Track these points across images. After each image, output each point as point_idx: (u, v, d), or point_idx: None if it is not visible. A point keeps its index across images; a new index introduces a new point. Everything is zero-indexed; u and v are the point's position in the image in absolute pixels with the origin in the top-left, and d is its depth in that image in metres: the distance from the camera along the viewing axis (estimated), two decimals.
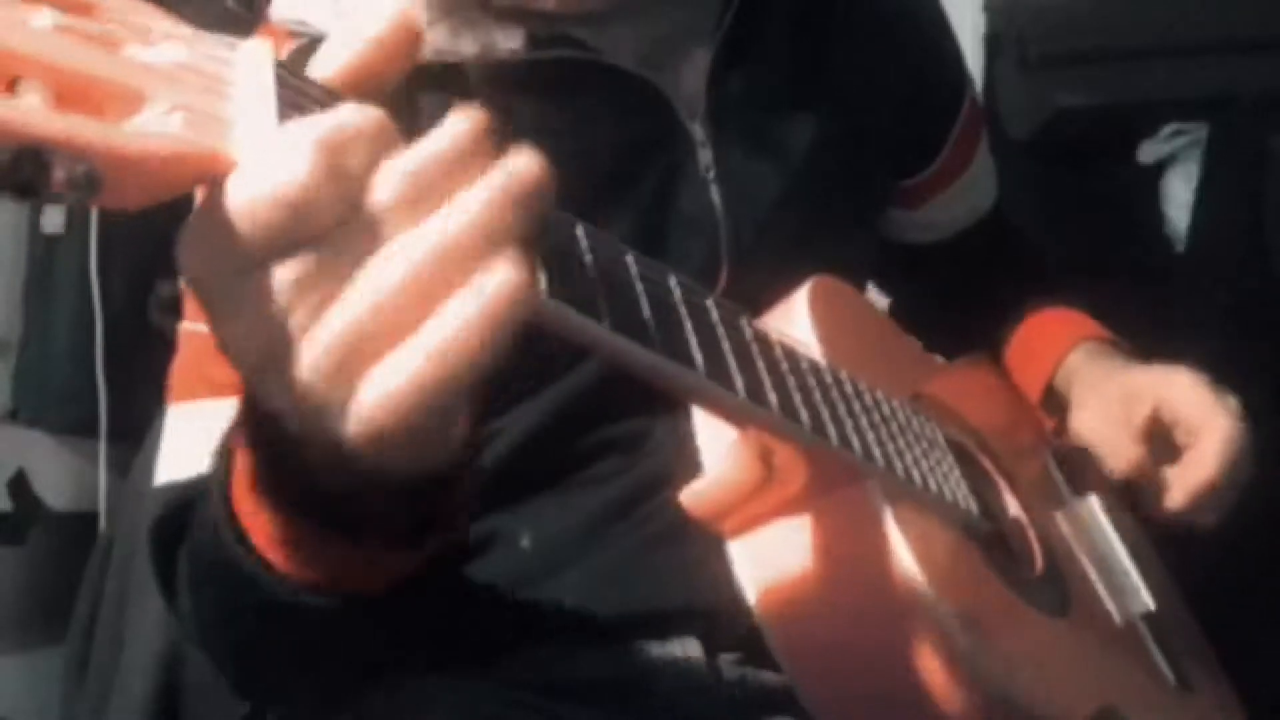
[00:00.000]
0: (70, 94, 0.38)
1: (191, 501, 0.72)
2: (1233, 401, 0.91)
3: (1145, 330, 1.02)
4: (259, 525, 0.54)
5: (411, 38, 0.46)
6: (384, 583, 0.55)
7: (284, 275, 0.40)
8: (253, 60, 0.43)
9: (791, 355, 0.62)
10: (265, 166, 0.40)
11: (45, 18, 0.39)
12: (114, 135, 0.37)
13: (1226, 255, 1.76)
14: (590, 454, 0.80)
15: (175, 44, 0.42)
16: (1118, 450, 0.91)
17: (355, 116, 0.41)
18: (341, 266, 0.41)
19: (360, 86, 0.45)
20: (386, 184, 0.41)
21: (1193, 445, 0.89)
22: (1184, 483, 0.89)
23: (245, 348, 0.42)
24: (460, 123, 0.43)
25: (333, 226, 0.40)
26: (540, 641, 0.79)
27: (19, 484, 1.74)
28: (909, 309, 1.14)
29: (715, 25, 0.83)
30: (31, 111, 0.36)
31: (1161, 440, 0.92)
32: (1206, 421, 0.89)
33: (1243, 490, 0.90)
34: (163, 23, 0.43)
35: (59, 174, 0.36)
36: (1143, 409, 0.91)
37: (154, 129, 0.39)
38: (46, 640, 1.60)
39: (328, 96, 0.45)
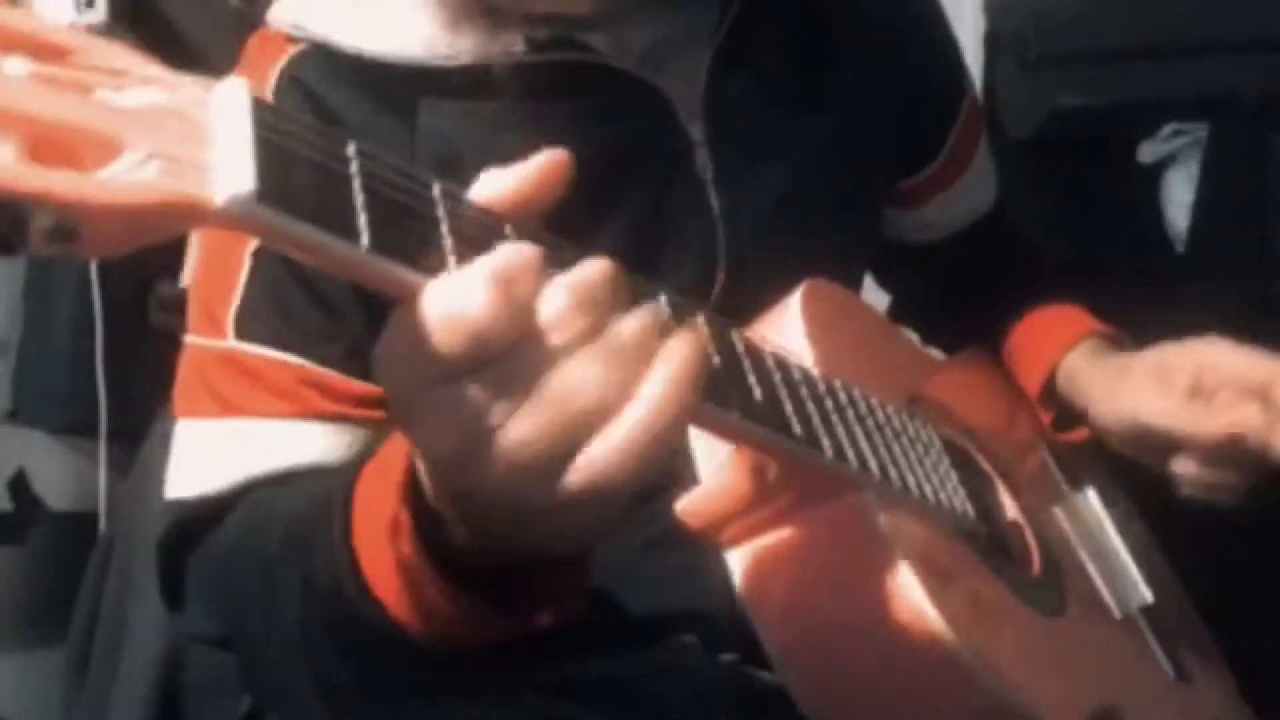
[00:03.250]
0: (44, 144, 0.37)
1: (202, 519, 0.74)
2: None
3: (1145, 330, 1.01)
4: (386, 578, 0.57)
5: (563, 173, 0.51)
6: (483, 642, 0.59)
7: (475, 387, 0.46)
8: (230, 102, 0.43)
9: (784, 366, 0.61)
10: (449, 298, 0.45)
11: (18, 66, 0.38)
12: (89, 188, 0.37)
13: (1226, 255, 1.76)
14: None
15: (151, 88, 0.41)
16: (1205, 417, 0.86)
17: (523, 251, 0.46)
18: (527, 374, 0.46)
19: (515, 212, 0.50)
20: (553, 303, 0.46)
21: (1272, 394, 0.84)
22: None
23: (441, 447, 0.47)
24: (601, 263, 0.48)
25: (513, 342, 0.46)
26: (540, 642, 0.79)
27: (19, 484, 1.74)
28: (907, 306, 1.15)
29: (715, 26, 0.83)
30: (4, 167, 0.36)
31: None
32: (1274, 371, 0.85)
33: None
34: (139, 65, 0.42)
35: (37, 229, 0.36)
36: (1183, 377, 0.87)
37: (131, 178, 0.38)
38: (46, 640, 1.60)
39: (309, 133, 0.44)
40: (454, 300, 0.45)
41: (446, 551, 0.55)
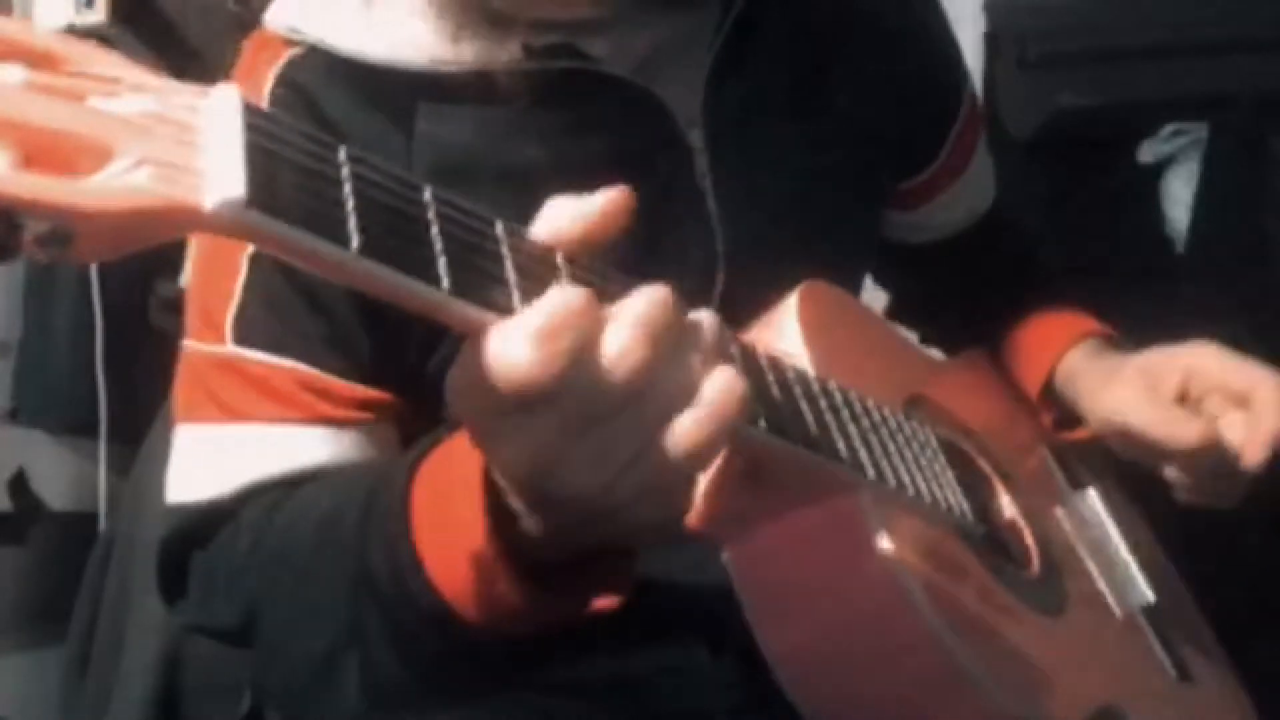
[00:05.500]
0: (38, 150, 0.38)
1: (210, 521, 0.76)
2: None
3: (1145, 330, 1.01)
4: (455, 576, 0.60)
5: (626, 212, 0.54)
6: (543, 630, 0.62)
7: (545, 416, 0.49)
8: (222, 108, 0.43)
9: (778, 367, 0.62)
10: (495, 349, 0.47)
11: (13, 74, 0.39)
12: (79, 193, 0.37)
13: (1226, 255, 1.76)
14: None
15: (143, 94, 0.42)
16: (1178, 423, 0.86)
17: (569, 300, 0.48)
18: (595, 403, 0.49)
19: (578, 248, 0.52)
20: (615, 341, 0.49)
21: (1253, 401, 0.86)
22: (1257, 437, 0.85)
23: (518, 467, 0.51)
24: (655, 295, 0.51)
25: (572, 379, 0.48)
26: (541, 641, 0.79)
27: (19, 484, 1.75)
28: (907, 306, 1.14)
29: (714, 33, 0.82)
30: None
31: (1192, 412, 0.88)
32: (1256, 378, 0.86)
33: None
34: (132, 73, 0.43)
35: (30, 234, 0.36)
36: (1171, 382, 0.89)
37: (121, 183, 0.39)
38: (46, 640, 1.60)
39: (300, 139, 0.45)
40: (501, 352, 0.48)
41: (517, 546, 0.58)
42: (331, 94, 0.77)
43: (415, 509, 0.61)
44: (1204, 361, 0.89)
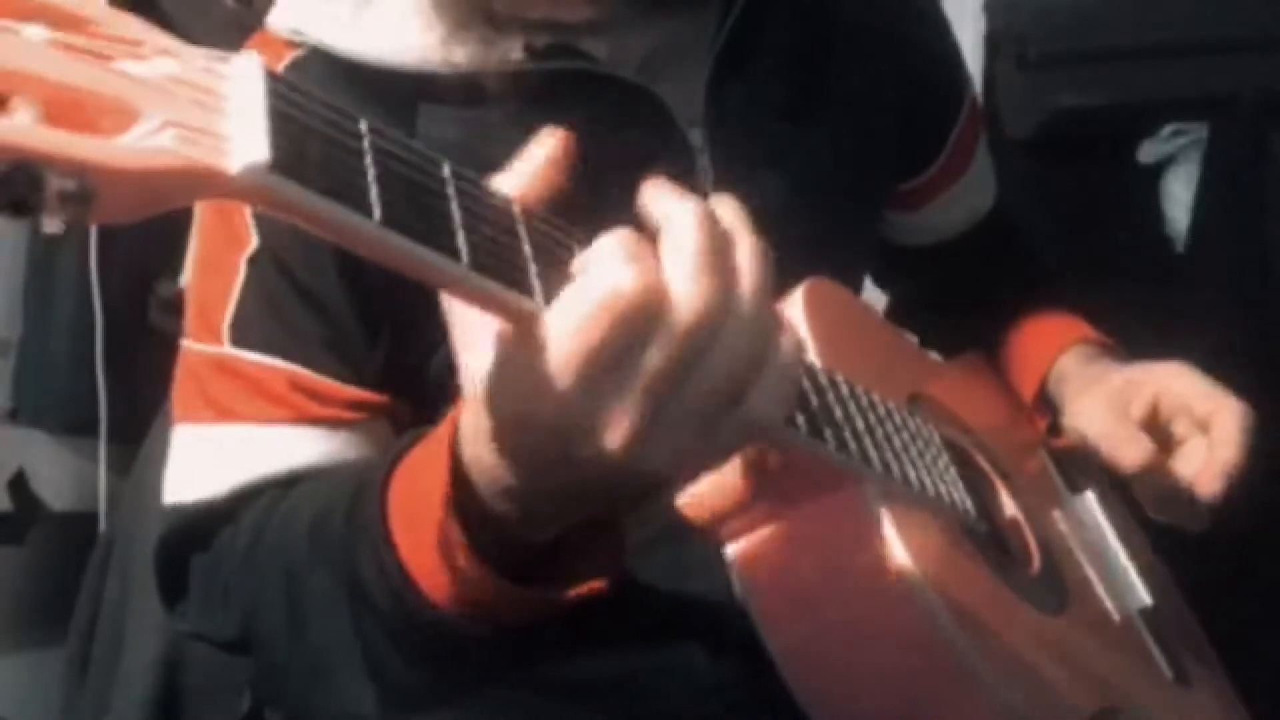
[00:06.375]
0: (62, 110, 0.38)
1: (206, 522, 0.76)
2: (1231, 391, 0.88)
3: (1145, 330, 1.01)
4: (430, 569, 0.60)
5: (568, 153, 0.55)
6: (527, 621, 0.63)
7: (644, 364, 0.48)
8: (244, 73, 0.43)
9: None
10: (597, 288, 0.47)
11: (37, 33, 0.39)
12: (107, 151, 0.37)
13: (1226, 255, 1.76)
14: None
15: (168, 58, 0.42)
16: (1125, 443, 0.87)
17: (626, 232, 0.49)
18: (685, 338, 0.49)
19: (542, 199, 0.53)
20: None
21: (1212, 428, 0.86)
22: (1212, 466, 0.85)
23: (619, 439, 0.49)
24: (700, 214, 0.52)
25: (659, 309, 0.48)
26: (541, 641, 0.79)
27: (19, 484, 1.75)
28: (907, 307, 1.14)
29: (715, 34, 0.82)
30: (23, 128, 0.36)
31: (1159, 434, 0.89)
32: (1219, 405, 0.87)
33: (1244, 484, 0.88)
34: (156, 36, 0.43)
35: (53, 190, 0.36)
36: (1141, 401, 0.89)
37: (147, 144, 0.39)
38: (46, 640, 1.60)
39: (322, 108, 0.45)
40: (602, 280, 0.47)
41: (488, 537, 0.58)
42: (334, 95, 0.77)
43: (393, 509, 0.61)
44: (1174, 382, 0.89)
